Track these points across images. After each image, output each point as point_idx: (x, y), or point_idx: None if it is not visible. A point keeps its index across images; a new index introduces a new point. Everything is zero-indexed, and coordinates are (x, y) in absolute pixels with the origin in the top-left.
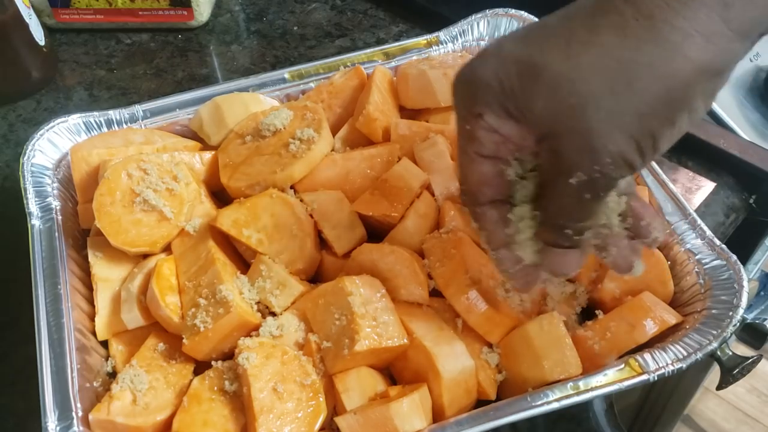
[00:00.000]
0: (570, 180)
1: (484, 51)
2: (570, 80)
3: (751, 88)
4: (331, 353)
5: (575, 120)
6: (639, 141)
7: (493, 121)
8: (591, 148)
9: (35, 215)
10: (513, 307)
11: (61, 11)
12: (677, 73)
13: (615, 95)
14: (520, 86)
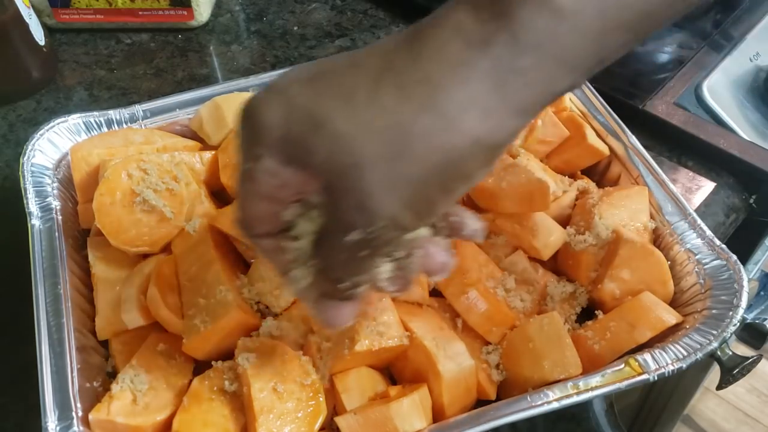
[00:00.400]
0: (346, 238)
1: (271, 87)
2: (348, 139)
3: (751, 88)
4: (332, 354)
5: (351, 180)
6: (414, 207)
7: (273, 166)
8: (365, 210)
9: (35, 215)
10: (513, 307)
11: (61, 11)
12: (453, 146)
13: (391, 161)
14: (302, 136)
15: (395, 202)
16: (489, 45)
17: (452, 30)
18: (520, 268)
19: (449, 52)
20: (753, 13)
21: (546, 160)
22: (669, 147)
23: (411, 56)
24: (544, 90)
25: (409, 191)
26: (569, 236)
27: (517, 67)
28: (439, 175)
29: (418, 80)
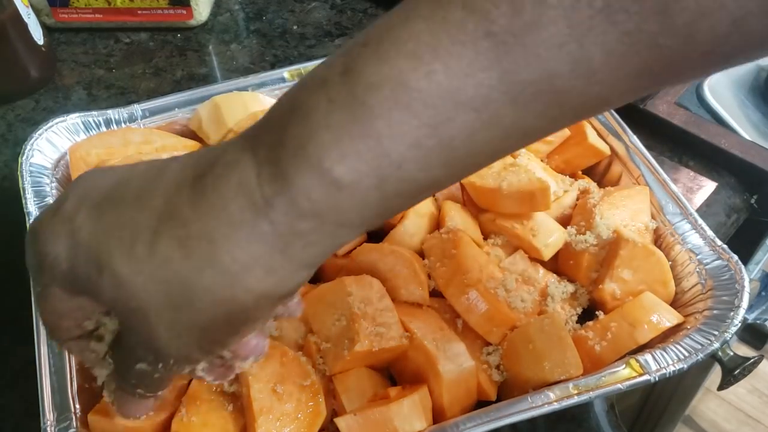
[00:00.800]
0: (135, 366)
1: (57, 211)
2: (131, 284)
3: (753, 87)
4: (331, 354)
5: (137, 322)
6: (203, 346)
7: (61, 295)
8: (154, 349)
9: (34, 215)
10: (514, 307)
11: (59, 10)
12: (237, 300)
13: (175, 310)
14: (86, 275)
15: (182, 344)
16: (269, 208)
17: (235, 186)
18: (521, 268)
19: (230, 210)
20: None
21: (547, 160)
22: (670, 147)
23: (193, 207)
24: (325, 247)
25: (196, 336)
26: (570, 236)
27: (297, 230)
28: (224, 323)
29: (198, 236)
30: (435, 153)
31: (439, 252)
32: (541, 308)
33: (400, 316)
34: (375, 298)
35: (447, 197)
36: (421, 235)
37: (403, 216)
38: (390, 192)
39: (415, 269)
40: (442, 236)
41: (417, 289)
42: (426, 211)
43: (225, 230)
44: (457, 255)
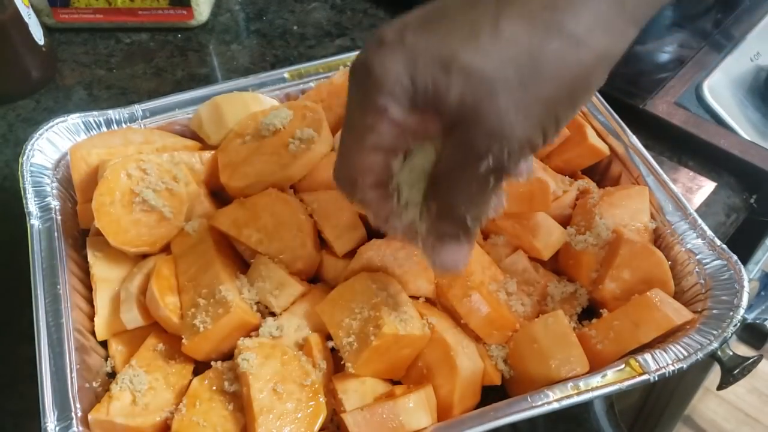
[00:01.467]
0: (479, 166)
1: (380, 41)
2: (481, 70)
3: (752, 87)
4: (354, 347)
5: (487, 108)
6: (544, 125)
7: (399, 114)
8: (502, 134)
9: (34, 215)
10: (514, 311)
11: (60, 11)
12: (582, 63)
13: (524, 84)
14: (432, 79)
15: (528, 123)
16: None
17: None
18: (521, 268)
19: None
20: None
21: (546, 160)
22: (669, 147)
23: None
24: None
25: (541, 112)
26: (570, 236)
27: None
28: (568, 91)
29: (541, 7)
30: None
31: None
32: (541, 308)
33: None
34: (393, 292)
35: None
36: None
37: None
38: None
39: (425, 265)
40: None
41: (425, 284)
42: None
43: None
44: None
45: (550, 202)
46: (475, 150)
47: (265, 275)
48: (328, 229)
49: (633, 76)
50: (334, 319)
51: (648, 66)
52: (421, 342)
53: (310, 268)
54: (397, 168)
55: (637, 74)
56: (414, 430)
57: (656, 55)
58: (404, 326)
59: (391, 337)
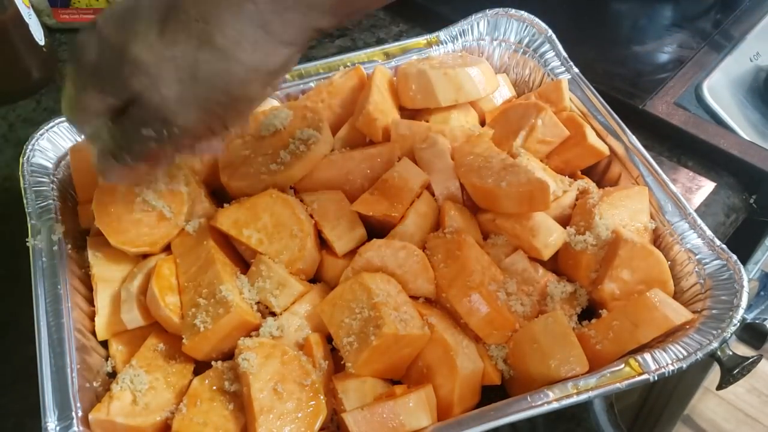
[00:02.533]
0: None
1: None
2: (147, 65)
3: (751, 87)
4: (355, 346)
5: (150, 97)
6: (207, 120)
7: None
8: (162, 119)
9: (35, 215)
10: (513, 311)
11: (61, 11)
12: (232, 73)
13: (182, 84)
14: (110, 64)
15: (187, 116)
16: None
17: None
18: (521, 268)
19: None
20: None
21: (546, 160)
22: (669, 147)
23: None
24: (300, 28)
25: (199, 110)
26: (569, 236)
27: (276, 9)
28: (223, 97)
29: (196, 19)
30: None
31: (443, 252)
32: (540, 308)
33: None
34: (394, 293)
35: (447, 197)
36: (421, 234)
37: (403, 216)
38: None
39: (426, 265)
40: (446, 236)
41: (425, 283)
42: (426, 211)
43: (216, 12)
44: (461, 257)
45: (550, 202)
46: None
47: (265, 275)
48: (328, 229)
49: (633, 76)
50: (334, 319)
51: (648, 66)
52: (421, 342)
53: (310, 268)
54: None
55: (636, 74)
56: (414, 430)
57: (656, 56)
58: (404, 326)
59: (391, 337)
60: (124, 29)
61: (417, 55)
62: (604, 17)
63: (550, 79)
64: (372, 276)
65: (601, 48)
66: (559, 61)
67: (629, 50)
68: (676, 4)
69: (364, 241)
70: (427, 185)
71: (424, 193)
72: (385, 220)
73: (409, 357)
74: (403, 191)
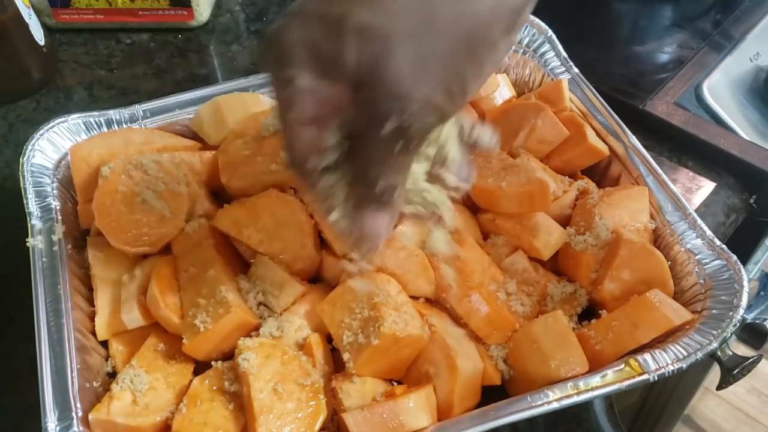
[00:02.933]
0: (382, 130)
1: (284, 16)
2: (372, 28)
3: (751, 87)
4: (355, 347)
5: (382, 67)
6: (446, 84)
7: (307, 83)
8: (399, 95)
9: (35, 215)
10: (514, 311)
11: (61, 11)
12: (476, 12)
13: (418, 38)
14: (327, 42)
15: (427, 81)
16: None
17: None
18: (521, 268)
19: None
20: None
21: (546, 160)
22: (669, 147)
23: None
24: None
25: (439, 67)
26: (569, 236)
27: None
28: (465, 44)
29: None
30: None
31: None
32: (540, 308)
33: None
34: (393, 293)
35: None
36: (421, 235)
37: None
38: None
39: (426, 266)
40: None
41: (425, 284)
42: None
43: None
44: (461, 257)
45: (550, 202)
46: (375, 113)
47: (266, 275)
48: (328, 229)
49: (633, 76)
50: (334, 319)
51: (648, 66)
52: (421, 342)
53: (310, 268)
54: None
55: (636, 74)
56: (414, 430)
57: (656, 56)
58: (404, 326)
59: (391, 337)
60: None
61: None
62: (604, 17)
63: (550, 79)
64: (372, 276)
65: (601, 48)
66: (559, 61)
67: (629, 50)
68: (676, 4)
69: None
70: None
71: None
72: None
73: (409, 357)
74: None
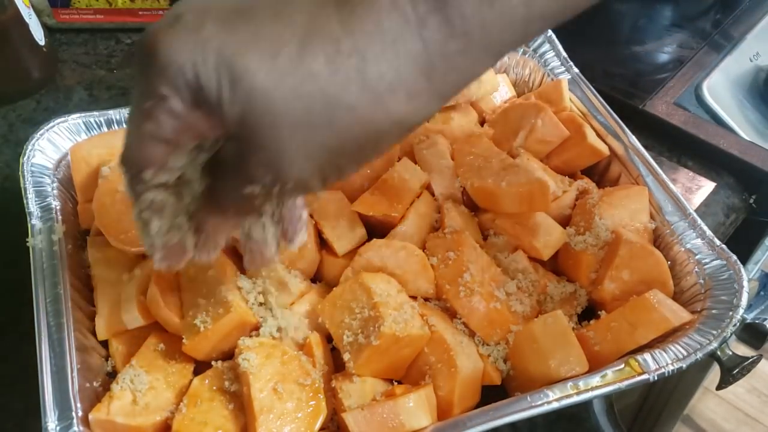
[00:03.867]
0: (245, 188)
1: (179, 20)
2: (270, 99)
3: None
4: (355, 347)
5: (267, 139)
6: (324, 171)
7: (179, 107)
8: (276, 170)
9: (35, 215)
10: (513, 310)
11: (61, 11)
12: (376, 123)
13: (312, 128)
14: (217, 84)
15: (307, 166)
16: (423, 25)
17: (388, 4)
18: (521, 268)
19: (384, 28)
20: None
21: (546, 160)
22: (669, 147)
23: (342, 25)
24: (466, 75)
25: (323, 158)
26: (569, 236)
27: (446, 51)
28: (356, 147)
29: (349, 53)
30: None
31: (443, 252)
32: (540, 308)
33: None
34: (394, 293)
35: (447, 197)
36: (421, 235)
37: (403, 216)
38: (535, 12)
39: (425, 265)
40: (446, 237)
41: (425, 283)
42: (426, 212)
43: (377, 47)
44: (460, 256)
45: (549, 202)
46: (246, 170)
47: (266, 275)
48: (328, 229)
49: (632, 76)
50: (334, 319)
51: (647, 66)
52: (421, 341)
53: (310, 267)
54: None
55: (636, 74)
56: (414, 430)
57: (656, 56)
58: (404, 326)
59: (391, 337)
60: (241, 42)
61: None
62: (604, 17)
63: (550, 79)
64: (372, 276)
65: (601, 48)
66: (559, 61)
67: (629, 50)
68: (676, 4)
69: (364, 241)
70: (427, 185)
71: (424, 193)
72: (385, 220)
73: (409, 357)
74: (403, 191)
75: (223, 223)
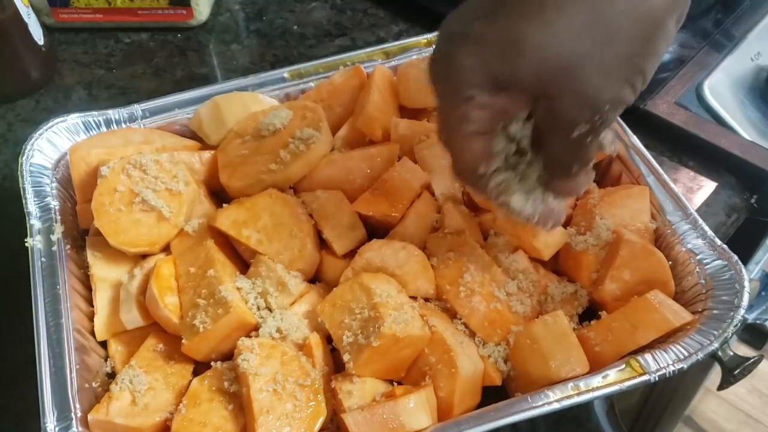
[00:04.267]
0: (572, 134)
1: (450, 37)
2: (553, 46)
3: (752, 87)
4: (355, 348)
5: (568, 81)
6: (631, 80)
7: (485, 99)
8: (590, 102)
9: (34, 215)
10: (514, 311)
11: (60, 11)
12: (650, 12)
13: (600, 48)
14: (506, 63)
15: (614, 83)
16: None
17: None
18: (521, 268)
19: None
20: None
21: None
22: (670, 147)
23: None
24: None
25: (624, 69)
26: (570, 236)
27: None
28: (644, 43)
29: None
30: None
31: (443, 252)
32: (541, 309)
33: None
34: (394, 293)
35: (447, 197)
36: (421, 235)
37: (403, 216)
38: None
39: (426, 265)
40: (446, 237)
41: (425, 284)
42: (426, 212)
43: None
44: (460, 257)
45: None
46: (564, 121)
47: (265, 275)
48: (328, 229)
49: None
50: (334, 319)
51: None
52: (421, 342)
53: (310, 268)
54: (500, 147)
55: None
56: (414, 431)
57: None
58: (404, 327)
59: (391, 338)
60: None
61: (417, 54)
62: None
63: None
64: (372, 276)
65: None
66: None
67: None
68: None
69: (364, 241)
70: (428, 185)
71: (424, 193)
72: (385, 220)
73: (410, 357)
74: (403, 191)
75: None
